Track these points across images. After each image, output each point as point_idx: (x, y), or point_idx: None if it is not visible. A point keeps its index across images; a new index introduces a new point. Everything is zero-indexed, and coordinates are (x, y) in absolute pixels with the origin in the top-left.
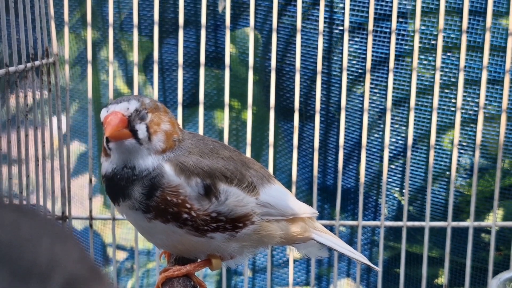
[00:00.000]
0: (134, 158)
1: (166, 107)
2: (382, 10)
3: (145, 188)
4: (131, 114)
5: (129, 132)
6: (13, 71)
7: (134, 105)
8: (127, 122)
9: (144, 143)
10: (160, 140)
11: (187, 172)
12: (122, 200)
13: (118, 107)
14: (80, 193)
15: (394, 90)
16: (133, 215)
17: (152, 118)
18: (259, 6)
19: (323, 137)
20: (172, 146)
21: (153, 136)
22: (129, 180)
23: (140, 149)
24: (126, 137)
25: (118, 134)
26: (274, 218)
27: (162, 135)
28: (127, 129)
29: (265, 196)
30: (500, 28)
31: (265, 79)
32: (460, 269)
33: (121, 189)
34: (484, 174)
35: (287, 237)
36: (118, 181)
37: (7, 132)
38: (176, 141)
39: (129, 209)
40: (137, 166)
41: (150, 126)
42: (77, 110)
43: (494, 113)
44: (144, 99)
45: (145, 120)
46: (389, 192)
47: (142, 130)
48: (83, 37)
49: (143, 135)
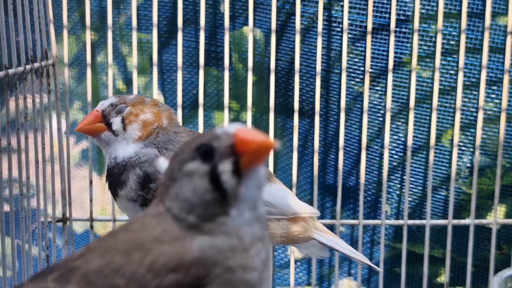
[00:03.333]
0: (114, 149)
1: (157, 101)
2: (401, 11)
3: (139, 176)
4: (105, 109)
5: (104, 125)
6: (12, 73)
7: (109, 101)
8: (101, 117)
9: (119, 134)
10: (135, 129)
11: None
12: (119, 189)
13: (98, 106)
14: (81, 196)
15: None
16: (132, 208)
17: (131, 111)
18: (268, 5)
19: (334, 136)
20: (151, 133)
21: (128, 126)
22: (120, 168)
23: (116, 140)
24: (100, 130)
25: (89, 128)
26: (275, 217)
27: (137, 124)
28: (102, 123)
29: (266, 195)
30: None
31: (280, 81)
32: (462, 268)
33: (117, 177)
34: (486, 171)
35: (288, 236)
36: (112, 170)
37: (7, 135)
38: (157, 129)
39: (127, 200)
40: (118, 156)
41: (125, 118)
42: (79, 110)
43: (495, 110)
44: (126, 96)
45: (122, 113)
46: (393, 191)
47: (117, 122)
48: (82, 40)
49: (116, 126)
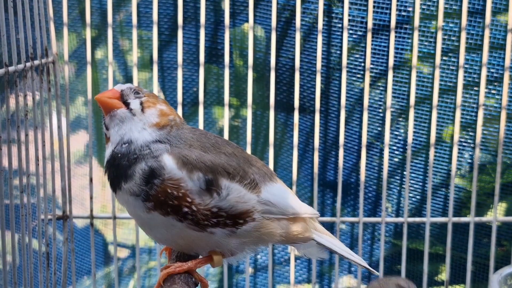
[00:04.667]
0: (129, 130)
1: (166, 101)
2: (402, 7)
3: (145, 171)
4: (124, 89)
5: (121, 102)
6: (12, 71)
7: (128, 85)
8: (120, 96)
9: (137, 114)
10: (153, 114)
11: (190, 166)
12: (124, 182)
13: (116, 86)
14: (81, 194)
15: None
16: (133, 203)
17: (147, 98)
18: (270, 2)
19: (334, 133)
20: (167, 124)
21: (147, 109)
22: (129, 159)
23: (133, 119)
24: (117, 106)
25: (107, 101)
26: (275, 217)
27: (156, 111)
28: (120, 100)
29: (267, 194)
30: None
31: (281, 77)
32: (462, 265)
33: (122, 168)
34: (487, 168)
35: (287, 236)
36: (119, 161)
37: (7, 132)
38: (172, 122)
39: (130, 194)
40: (133, 140)
41: (144, 102)
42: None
43: (496, 107)
44: (141, 88)
45: (140, 97)
46: (395, 189)
47: (135, 103)
48: (83, 37)
49: (135, 106)
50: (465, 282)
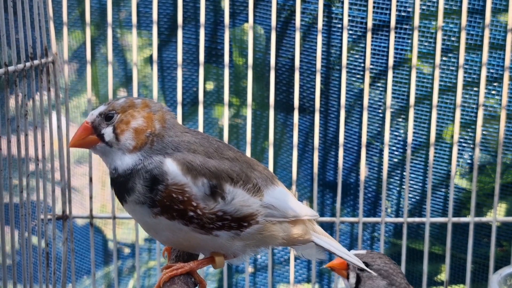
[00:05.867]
0: (112, 160)
1: (150, 102)
2: (402, 7)
3: (146, 180)
4: (94, 120)
5: (96, 137)
6: (12, 71)
7: (98, 110)
8: (91, 129)
9: (113, 144)
10: (128, 138)
11: (194, 172)
12: (128, 196)
13: (88, 117)
14: (81, 194)
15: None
16: (140, 210)
17: (122, 118)
18: (269, 2)
19: (334, 133)
20: (145, 141)
21: (120, 136)
22: (126, 177)
23: (112, 151)
24: (93, 142)
25: (82, 142)
26: (277, 220)
27: (130, 133)
28: (94, 134)
29: (269, 198)
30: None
31: (281, 77)
32: (462, 265)
33: (123, 185)
34: (486, 168)
35: (288, 239)
36: (118, 180)
37: (7, 132)
38: (150, 136)
39: (136, 203)
40: (118, 167)
41: (117, 127)
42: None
43: (496, 106)
44: (116, 101)
45: (112, 122)
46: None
47: (108, 132)
48: (82, 37)
49: (109, 137)
50: (465, 282)
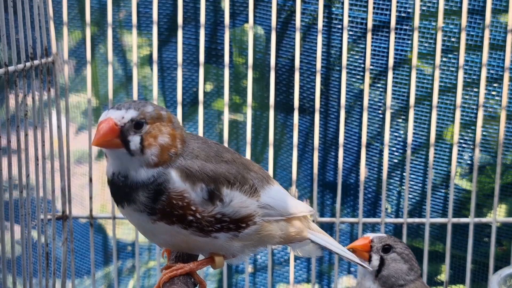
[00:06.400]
0: (126, 168)
1: (172, 116)
2: (402, 8)
3: (150, 193)
4: (125, 124)
5: (120, 142)
6: (12, 71)
7: (130, 114)
8: (119, 132)
9: (136, 155)
10: (153, 154)
11: (193, 178)
12: (127, 204)
13: (115, 114)
14: (81, 194)
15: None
16: (138, 217)
17: (150, 130)
18: (269, 3)
19: (334, 134)
20: (167, 160)
21: (147, 150)
22: (131, 187)
23: (131, 160)
24: (116, 146)
25: (106, 143)
26: (274, 219)
27: (156, 149)
28: (119, 139)
29: (266, 198)
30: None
31: (281, 78)
32: (462, 265)
33: (124, 194)
34: (486, 169)
35: (285, 237)
36: (120, 187)
37: (7, 132)
38: (173, 156)
39: (134, 211)
40: (129, 176)
41: (145, 138)
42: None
43: (496, 107)
44: (146, 108)
45: (140, 132)
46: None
47: (135, 142)
48: (82, 37)
49: (135, 147)
50: (465, 282)
